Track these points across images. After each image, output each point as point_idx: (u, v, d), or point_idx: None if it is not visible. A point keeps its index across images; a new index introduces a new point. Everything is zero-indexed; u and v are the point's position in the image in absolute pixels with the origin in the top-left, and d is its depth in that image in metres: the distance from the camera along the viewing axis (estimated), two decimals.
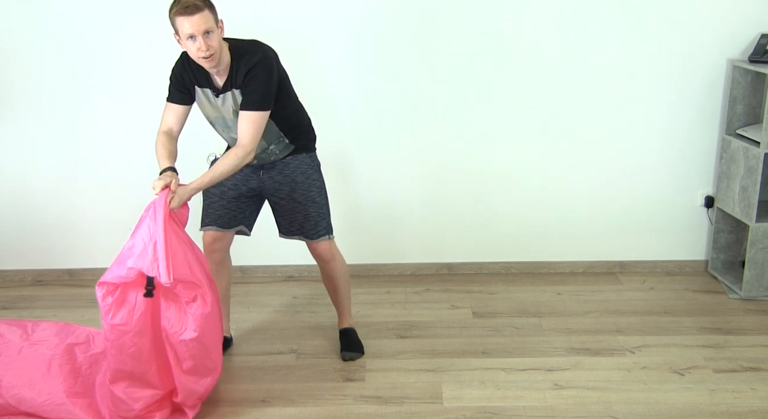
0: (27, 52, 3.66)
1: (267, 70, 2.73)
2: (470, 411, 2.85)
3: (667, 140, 3.80)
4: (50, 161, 3.83)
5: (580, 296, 3.76)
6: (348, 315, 3.33)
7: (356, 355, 3.21)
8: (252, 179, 3.01)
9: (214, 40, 2.63)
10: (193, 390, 2.74)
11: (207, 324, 2.64)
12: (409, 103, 3.75)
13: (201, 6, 2.59)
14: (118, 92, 3.72)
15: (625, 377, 3.05)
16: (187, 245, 2.67)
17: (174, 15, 2.61)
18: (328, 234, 3.07)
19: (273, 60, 2.78)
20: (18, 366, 2.73)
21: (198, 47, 2.62)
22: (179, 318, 2.61)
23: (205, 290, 2.64)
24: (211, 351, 2.73)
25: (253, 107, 2.72)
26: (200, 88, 2.83)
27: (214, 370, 2.78)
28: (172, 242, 2.55)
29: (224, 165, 2.75)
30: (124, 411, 2.68)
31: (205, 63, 2.67)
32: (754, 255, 3.63)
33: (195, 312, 2.61)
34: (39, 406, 2.68)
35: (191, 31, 2.59)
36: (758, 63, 3.51)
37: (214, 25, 2.63)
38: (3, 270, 4.03)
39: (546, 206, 3.91)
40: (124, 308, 2.57)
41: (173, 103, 2.87)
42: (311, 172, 3.01)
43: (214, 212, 3.04)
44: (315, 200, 3.01)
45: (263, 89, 2.73)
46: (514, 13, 3.60)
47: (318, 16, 3.61)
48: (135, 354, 2.60)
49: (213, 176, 2.74)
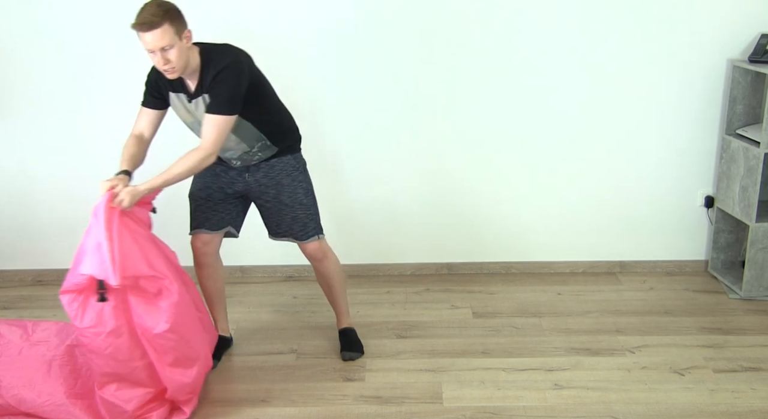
0: (27, 52, 3.66)
1: (234, 75, 2.69)
2: (470, 411, 2.85)
3: (667, 140, 3.80)
4: (50, 160, 3.83)
5: (580, 296, 3.76)
6: (346, 314, 3.33)
7: (356, 355, 3.21)
8: (238, 182, 3.00)
9: (172, 55, 2.60)
10: (181, 383, 2.72)
11: (178, 314, 2.62)
12: (410, 103, 3.74)
13: (157, 22, 2.54)
14: (118, 92, 3.72)
15: (625, 377, 3.05)
16: (147, 240, 2.65)
17: (133, 28, 2.59)
18: (318, 234, 3.07)
19: (243, 64, 2.73)
20: (18, 367, 2.73)
21: (157, 61, 2.61)
22: (150, 312, 2.59)
23: (170, 281, 2.61)
24: (190, 340, 2.71)
25: (217, 111, 2.68)
26: (174, 93, 2.82)
27: (198, 359, 2.75)
28: (123, 240, 2.54)
29: (181, 167, 2.69)
30: (117, 415, 2.67)
31: (167, 75, 2.66)
32: (754, 255, 3.63)
33: (163, 303, 2.60)
34: (39, 407, 2.68)
35: (149, 47, 2.58)
36: (758, 63, 3.51)
37: (174, 39, 2.58)
38: (3, 270, 4.03)
39: (546, 205, 3.91)
40: (91, 311, 2.55)
41: (147, 107, 2.87)
42: (297, 174, 3.00)
43: (201, 215, 3.04)
44: (302, 202, 3.01)
45: (228, 93, 2.68)
46: (514, 13, 3.60)
47: (319, 17, 3.61)
48: (113, 355, 2.58)
49: (167, 177, 2.69)
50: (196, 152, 2.70)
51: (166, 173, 2.69)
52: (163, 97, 2.84)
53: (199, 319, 2.86)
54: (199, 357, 2.77)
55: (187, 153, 2.72)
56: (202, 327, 2.87)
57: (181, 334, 2.66)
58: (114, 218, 2.55)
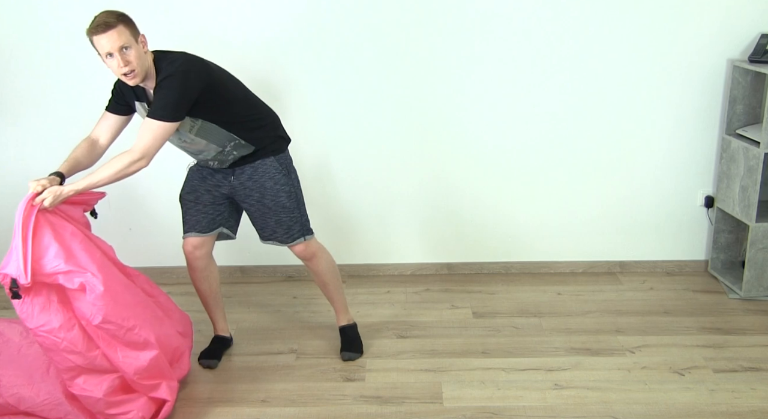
0: (28, 52, 3.66)
1: (178, 83, 2.66)
2: (470, 411, 2.85)
3: (667, 140, 3.80)
4: (50, 161, 3.82)
5: (580, 296, 3.76)
6: (344, 311, 3.32)
7: (355, 355, 3.21)
8: (223, 185, 3.00)
9: (131, 56, 2.61)
10: (136, 367, 2.71)
11: (108, 304, 2.61)
12: (410, 104, 3.74)
13: (113, 23, 2.57)
14: None
15: (625, 377, 3.05)
16: (72, 237, 2.64)
17: (89, 35, 2.59)
18: (303, 236, 3.06)
19: (191, 72, 2.70)
20: (17, 366, 2.73)
21: (117, 64, 2.60)
22: (84, 306, 2.60)
23: (92, 274, 2.60)
24: (132, 326, 2.69)
25: (154, 116, 2.67)
26: (139, 102, 2.82)
27: (149, 343, 2.74)
28: (41, 238, 2.54)
29: (108, 170, 2.66)
30: (92, 405, 2.67)
31: (127, 80, 2.65)
32: (754, 255, 3.62)
33: (90, 297, 2.60)
34: (38, 406, 2.68)
35: (107, 49, 2.58)
36: (758, 63, 3.51)
37: (131, 40, 2.60)
38: None
39: (546, 206, 3.91)
40: (39, 310, 2.55)
41: (109, 112, 2.87)
42: (279, 177, 2.98)
43: (191, 218, 3.05)
44: (285, 206, 3.00)
45: (167, 101, 2.66)
46: (514, 14, 3.60)
47: (313, 19, 3.61)
48: (69, 348, 2.59)
49: (92, 180, 2.66)
50: (125, 155, 2.68)
51: (91, 175, 2.67)
52: (127, 104, 2.85)
53: (147, 303, 2.84)
54: (149, 340, 2.74)
55: (116, 156, 2.69)
56: (151, 311, 2.85)
57: (119, 323, 2.65)
58: (31, 217, 2.55)
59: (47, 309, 2.57)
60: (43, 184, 2.62)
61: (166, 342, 2.87)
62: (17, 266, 2.50)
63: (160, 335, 2.83)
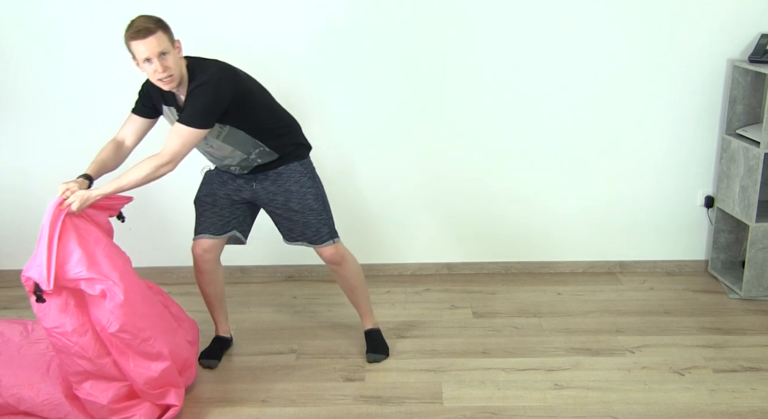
0: (28, 52, 3.66)
1: (211, 91, 2.67)
2: (470, 411, 2.85)
3: (667, 140, 3.80)
4: (51, 161, 3.83)
5: (580, 296, 3.76)
6: (369, 315, 3.32)
7: (381, 357, 3.20)
8: (245, 190, 3.00)
9: (170, 61, 2.61)
10: (147, 377, 2.70)
11: (127, 314, 2.61)
12: (410, 104, 3.74)
13: (153, 29, 2.58)
14: (119, 93, 3.71)
15: (625, 377, 3.05)
16: (96, 243, 2.64)
17: (128, 40, 2.60)
18: (332, 238, 3.06)
19: (223, 80, 2.71)
20: (17, 366, 2.73)
21: (155, 69, 2.60)
22: (101, 313, 2.60)
23: (114, 283, 2.60)
24: (147, 337, 2.69)
25: (185, 121, 2.67)
26: (167, 106, 2.82)
27: (161, 355, 2.73)
28: (66, 243, 2.54)
29: (136, 173, 2.67)
30: (96, 410, 2.67)
31: (163, 85, 2.66)
32: (754, 255, 3.62)
33: (109, 306, 2.59)
34: (38, 406, 2.68)
35: (146, 55, 2.58)
36: (758, 63, 3.51)
37: (169, 45, 2.61)
38: (3, 270, 4.03)
39: (546, 206, 3.91)
40: (54, 311, 2.56)
41: (135, 114, 2.88)
42: (305, 180, 2.99)
43: (206, 220, 3.04)
44: (312, 208, 3.00)
45: (199, 108, 2.67)
46: (514, 15, 3.60)
47: (321, 17, 3.61)
48: (80, 353, 2.58)
49: (120, 183, 2.67)
50: (154, 159, 2.68)
51: (120, 179, 2.68)
52: (153, 107, 2.85)
53: (161, 315, 2.85)
54: (162, 352, 2.74)
55: (144, 160, 2.70)
56: (166, 322, 2.86)
57: (134, 333, 2.64)
58: (59, 220, 2.56)
59: (64, 311, 2.56)
60: (71, 187, 2.62)
61: (177, 353, 2.86)
62: (40, 271, 2.49)
63: (173, 346, 2.83)
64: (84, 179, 2.72)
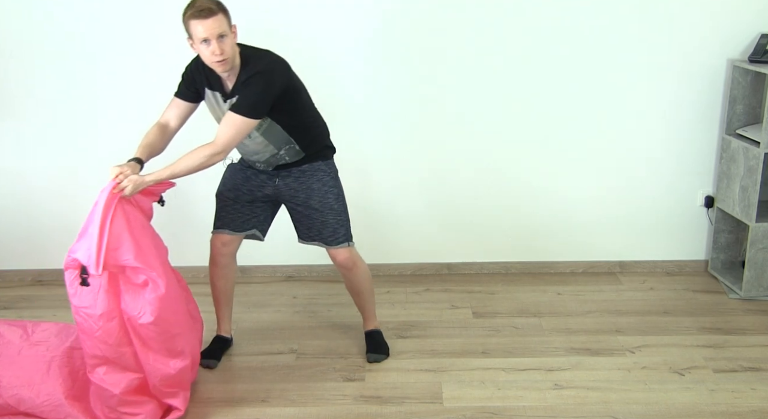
0: (28, 53, 3.65)
1: (265, 81, 2.69)
2: (470, 411, 2.85)
3: (667, 140, 3.81)
4: (50, 160, 3.83)
5: (580, 296, 3.76)
6: (373, 317, 3.32)
7: (381, 357, 3.20)
8: (267, 186, 3.00)
9: (227, 45, 2.62)
10: (164, 373, 2.70)
11: (163, 308, 2.62)
12: (409, 104, 3.74)
13: (215, 10, 2.58)
14: (118, 93, 3.72)
15: (625, 377, 3.05)
16: (142, 231, 2.65)
17: (188, 19, 2.60)
18: (348, 241, 3.05)
19: (276, 73, 2.73)
20: (17, 367, 2.73)
21: (212, 51, 2.61)
22: (136, 302, 2.59)
23: (158, 274, 2.61)
24: (175, 334, 2.70)
25: (239, 111, 2.68)
26: (211, 90, 2.82)
27: (182, 353, 2.74)
28: (117, 228, 2.54)
29: (189, 160, 2.69)
30: (106, 399, 2.67)
31: (218, 67, 2.66)
32: (754, 255, 3.62)
33: (149, 296, 2.59)
34: (38, 407, 2.67)
35: (205, 35, 2.58)
36: (758, 63, 3.51)
37: (227, 29, 2.63)
38: (3, 270, 4.03)
39: (546, 206, 3.91)
40: (88, 291, 2.55)
41: (178, 98, 2.87)
42: (328, 179, 3.00)
43: (227, 215, 3.03)
44: (332, 207, 2.99)
45: (254, 98, 2.69)
46: (515, 15, 3.60)
47: (321, 17, 3.61)
48: (103, 338, 2.58)
49: (174, 170, 2.69)
50: (208, 147, 2.70)
51: (174, 165, 2.69)
52: (197, 91, 2.84)
53: (188, 312, 2.86)
54: (184, 351, 2.75)
55: (198, 148, 2.71)
56: (190, 320, 2.86)
57: (165, 328, 2.65)
58: (112, 205, 2.55)
59: (96, 294, 2.55)
60: (124, 171, 2.61)
61: (194, 353, 2.86)
62: (90, 255, 2.49)
63: (194, 346, 2.83)
64: (135, 163, 2.71)
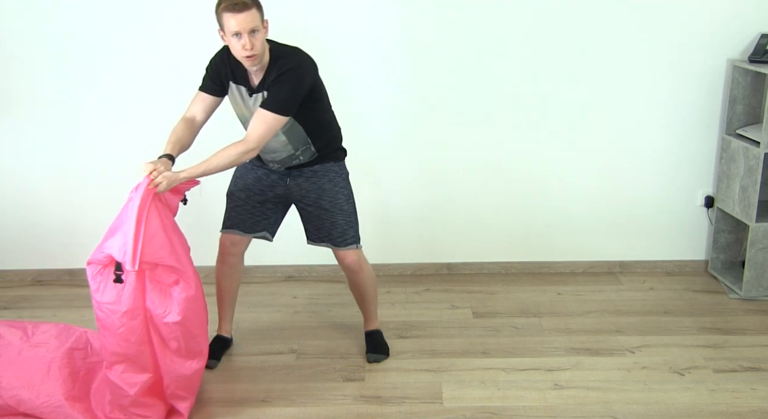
0: (28, 54, 3.65)
1: (296, 79, 2.71)
2: (470, 411, 2.85)
3: (667, 140, 3.81)
4: (50, 160, 3.83)
5: (580, 296, 3.76)
6: (374, 318, 3.31)
7: (381, 357, 3.20)
8: (278, 186, 3.00)
9: (258, 40, 2.63)
10: (179, 374, 2.70)
11: (190, 308, 2.62)
12: (409, 104, 3.74)
13: (249, 4, 2.59)
14: (118, 93, 3.72)
15: (625, 377, 3.05)
16: (172, 229, 2.65)
17: (222, 11, 2.60)
18: (356, 243, 3.04)
19: (307, 71, 2.75)
20: (17, 368, 2.72)
21: (243, 45, 2.61)
22: (163, 300, 2.59)
23: (188, 274, 2.62)
24: (196, 334, 2.70)
25: (271, 108, 2.69)
26: (235, 84, 2.82)
27: (200, 354, 2.75)
28: (152, 225, 2.53)
29: (222, 158, 2.69)
30: (120, 398, 2.66)
31: (247, 61, 2.67)
32: (754, 255, 3.62)
33: (178, 296, 2.59)
34: (37, 408, 2.67)
35: (237, 29, 2.59)
36: (758, 63, 3.51)
37: (260, 24, 2.63)
38: (3, 270, 4.03)
39: (546, 206, 3.91)
40: (112, 287, 2.54)
41: (204, 92, 2.86)
42: (339, 180, 3.00)
43: (237, 215, 3.03)
44: (342, 208, 2.99)
45: (286, 95, 2.70)
46: (515, 14, 3.60)
47: (321, 17, 3.61)
48: (125, 335, 2.57)
49: (207, 167, 2.68)
50: (240, 144, 2.70)
51: (207, 162, 2.69)
52: (222, 84, 2.84)
53: (206, 315, 2.86)
54: (202, 351, 2.76)
55: (230, 145, 2.71)
56: (207, 322, 2.87)
57: (189, 328, 2.65)
58: (147, 201, 2.54)
59: (120, 291, 2.54)
60: (158, 168, 2.61)
61: (205, 356, 2.86)
62: (125, 251, 2.47)
63: (206, 348, 2.83)
64: (167, 159, 2.70)
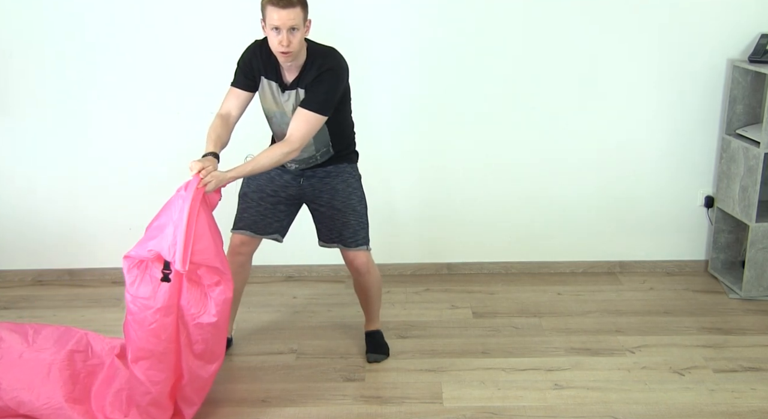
0: (29, 55, 3.65)
1: (336, 79, 2.73)
2: (470, 411, 2.85)
3: (667, 140, 3.81)
4: (50, 161, 3.83)
5: (580, 296, 3.76)
6: (376, 319, 3.32)
7: (381, 357, 3.20)
8: (291, 186, 2.99)
9: (296, 38, 2.63)
10: (198, 376, 2.70)
11: (225, 311, 2.63)
12: (409, 104, 3.74)
13: (294, 2, 2.59)
14: (118, 94, 3.72)
15: (625, 377, 3.05)
16: (215, 229, 2.65)
17: (267, 2, 2.61)
18: (366, 245, 3.05)
19: (344, 71, 2.78)
20: (18, 370, 2.72)
21: (279, 41, 2.61)
22: (199, 300, 2.58)
23: (229, 276, 2.63)
24: (222, 337, 2.72)
25: (313, 108, 2.71)
26: (267, 79, 2.81)
27: (219, 358, 2.75)
28: (199, 225, 2.52)
29: (267, 158, 2.71)
30: (140, 395, 2.65)
31: (281, 57, 2.67)
32: (754, 255, 3.62)
33: (217, 297, 2.59)
34: (38, 410, 2.66)
35: (278, 24, 2.59)
36: (758, 63, 3.51)
37: (301, 23, 2.63)
38: (3, 270, 4.03)
39: (546, 206, 3.91)
40: (149, 283, 2.53)
41: (237, 88, 2.85)
42: (352, 181, 3.00)
43: (249, 216, 3.03)
44: (355, 209, 2.99)
45: (327, 95, 2.72)
46: (515, 15, 3.60)
47: (323, 17, 3.60)
48: (156, 332, 2.55)
49: (254, 166, 2.70)
50: (284, 145, 2.72)
51: (254, 161, 2.70)
52: (254, 79, 2.83)
53: None
54: (221, 355, 2.76)
55: (274, 145, 2.75)
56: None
57: (220, 330, 2.65)
58: (197, 202, 2.53)
59: (156, 287, 2.53)
60: (206, 167, 2.60)
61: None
62: (175, 250, 2.45)
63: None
64: (213, 158, 2.69)
